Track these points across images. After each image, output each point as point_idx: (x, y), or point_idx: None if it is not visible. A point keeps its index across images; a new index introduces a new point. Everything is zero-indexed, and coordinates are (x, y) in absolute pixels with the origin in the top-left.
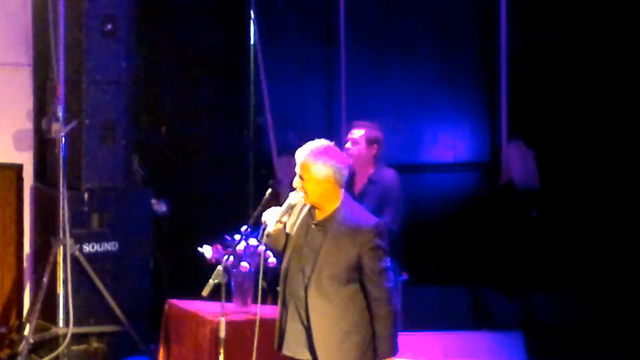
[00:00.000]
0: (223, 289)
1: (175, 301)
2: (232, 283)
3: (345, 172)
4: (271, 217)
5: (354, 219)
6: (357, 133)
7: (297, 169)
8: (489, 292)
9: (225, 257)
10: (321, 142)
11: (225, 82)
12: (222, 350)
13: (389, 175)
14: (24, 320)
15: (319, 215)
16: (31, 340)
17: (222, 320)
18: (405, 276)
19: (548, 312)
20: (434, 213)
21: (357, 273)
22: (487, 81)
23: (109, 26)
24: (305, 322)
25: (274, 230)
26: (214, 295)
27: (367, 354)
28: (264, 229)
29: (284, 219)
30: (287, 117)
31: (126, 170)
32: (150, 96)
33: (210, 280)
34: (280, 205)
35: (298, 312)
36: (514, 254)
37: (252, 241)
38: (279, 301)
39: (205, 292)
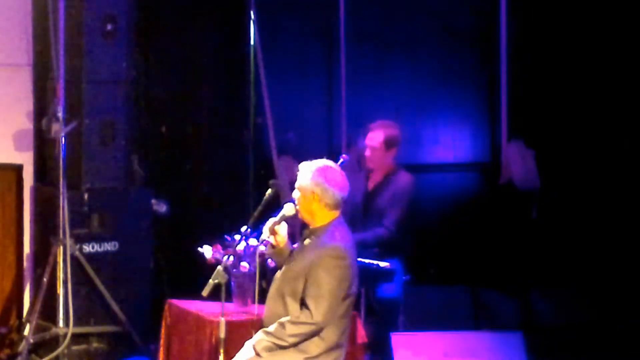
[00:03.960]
0: (223, 289)
1: (175, 301)
2: (232, 283)
3: (338, 195)
4: (266, 226)
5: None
6: (375, 139)
7: (297, 184)
8: (489, 292)
9: (225, 257)
10: (325, 162)
11: (225, 82)
12: (222, 350)
13: (406, 179)
14: (24, 320)
15: (306, 232)
16: (31, 340)
17: (222, 320)
18: (406, 276)
19: (548, 312)
20: (434, 213)
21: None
22: (487, 81)
23: (109, 26)
24: None
25: (276, 243)
26: (214, 295)
27: None
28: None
29: (282, 231)
30: (287, 118)
31: (126, 170)
32: (150, 96)
33: (210, 280)
34: (279, 206)
35: None
36: (514, 254)
37: (252, 241)
38: None
39: (205, 292)
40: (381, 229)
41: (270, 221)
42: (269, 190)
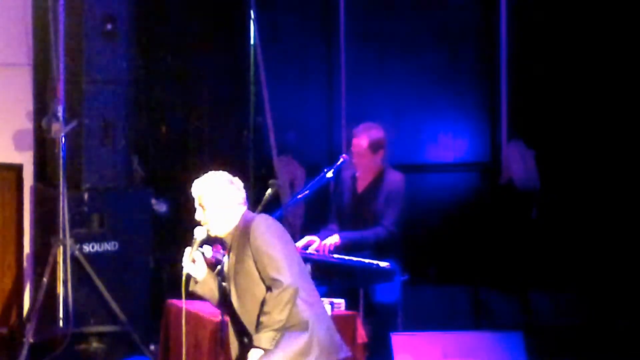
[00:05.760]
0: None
1: (175, 301)
2: None
3: (242, 192)
4: (185, 261)
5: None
6: (360, 145)
7: (197, 202)
8: (489, 292)
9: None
10: (212, 172)
11: (225, 82)
12: (222, 351)
13: (396, 178)
14: (24, 320)
15: (227, 242)
16: (31, 340)
17: (222, 320)
18: (405, 276)
19: (548, 312)
20: (434, 213)
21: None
22: (487, 81)
23: (109, 26)
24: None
25: (197, 276)
26: None
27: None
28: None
29: (197, 256)
30: (287, 118)
31: (126, 170)
32: (150, 96)
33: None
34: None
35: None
36: (514, 254)
37: None
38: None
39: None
40: (381, 229)
41: (187, 252)
42: (269, 190)
